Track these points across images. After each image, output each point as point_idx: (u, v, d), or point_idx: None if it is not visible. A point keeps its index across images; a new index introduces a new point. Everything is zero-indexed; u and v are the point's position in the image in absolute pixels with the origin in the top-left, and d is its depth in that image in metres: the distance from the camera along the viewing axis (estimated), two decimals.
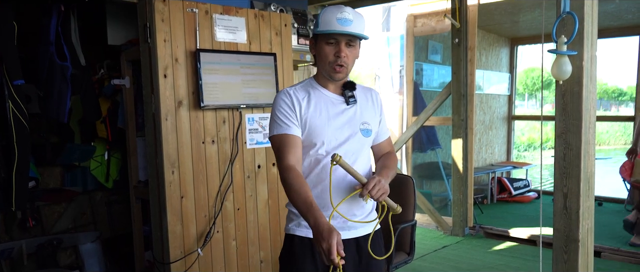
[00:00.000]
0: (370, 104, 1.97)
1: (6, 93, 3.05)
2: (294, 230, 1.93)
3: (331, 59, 1.83)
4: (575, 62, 2.43)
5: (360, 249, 1.93)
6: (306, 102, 1.88)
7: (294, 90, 1.92)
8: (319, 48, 1.86)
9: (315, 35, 1.88)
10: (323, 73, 1.90)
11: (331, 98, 1.91)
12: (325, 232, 1.59)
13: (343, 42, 1.82)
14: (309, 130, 1.86)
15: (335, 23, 1.79)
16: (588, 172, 2.51)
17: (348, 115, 1.90)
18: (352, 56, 1.86)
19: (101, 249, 4.28)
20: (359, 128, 1.89)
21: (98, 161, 4.25)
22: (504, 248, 5.02)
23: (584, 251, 2.55)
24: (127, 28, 3.69)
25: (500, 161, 8.03)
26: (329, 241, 1.57)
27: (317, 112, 1.87)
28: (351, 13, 1.81)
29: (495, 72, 7.69)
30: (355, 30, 1.80)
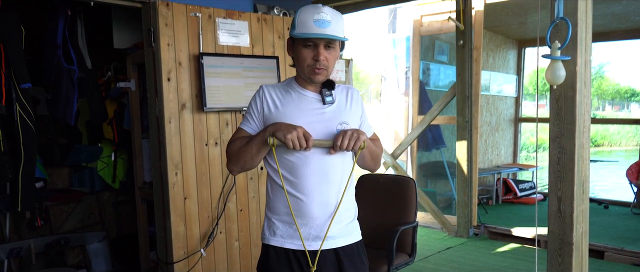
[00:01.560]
0: (349, 103, 1.86)
1: (14, 96, 3.12)
2: (269, 240, 1.84)
3: (310, 62, 1.74)
4: (569, 67, 2.45)
5: (340, 260, 1.83)
6: (280, 102, 1.81)
7: (272, 88, 1.86)
8: (297, 51, 1.77)
9: (292, 37, 1.78)
10: (302, 76, 1.81)
11: (309, 97, 1.82)
12: (286, 124, 1.66)
13: (322, 44, 1.73)
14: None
15: (312, 25, 1.70)
16: (582, 176, 2.53)
17: (323, 114, 1.80)
18: (332, 58, 1.77)
19: (108, 248, 4.35)
20: (336, 128, 1.78)
21: (105, 161, 4.32)
22: (507, 250, 5.02)
23: (578, 254, 2.56)
24: (132, 32, 3.75)
25: (507, 162, 8.02)
26: (296, 128, 1.63)
27: (288, 110, 1.79)
28: (329, 13, 1.72)
29: (502, 74, 7.68)
30: (334, 33, 1.71)
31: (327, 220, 1.78)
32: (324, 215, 1.78)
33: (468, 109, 5.39)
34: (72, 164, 4.31)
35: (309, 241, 1.78)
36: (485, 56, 7.08)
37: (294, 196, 1.77)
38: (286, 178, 1.77)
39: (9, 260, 3.82)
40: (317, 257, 1.78)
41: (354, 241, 1.88)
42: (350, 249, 1.85)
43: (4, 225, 3.87)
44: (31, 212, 3.97)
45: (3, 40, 2.99)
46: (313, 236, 1.78)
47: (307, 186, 1.76)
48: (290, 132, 1.63)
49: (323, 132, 1.77)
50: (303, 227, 1.77)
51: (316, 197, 1.76)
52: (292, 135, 1.63)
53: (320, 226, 1.77)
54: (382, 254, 3.20)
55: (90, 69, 3.78)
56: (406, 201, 3.40)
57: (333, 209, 1.78)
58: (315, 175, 1.76)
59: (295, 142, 1.63)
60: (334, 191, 1.79)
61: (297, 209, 1.77)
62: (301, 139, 1.64)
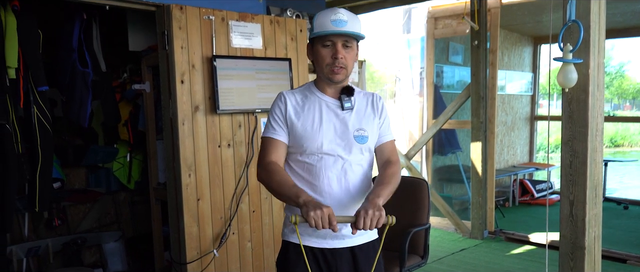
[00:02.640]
0: (369, 109, 1.91)
1: (31, 99, 3.18)
2: (288, 236, 1.93)
3: (328, 61, 1.80)
4: (582, 70, 2.42)
5: (355, 259, 1.90)
6: (300, 107, 1.87)
7: (292, 94, 1.92)
8: (316, 52, 1.83)
9: (311, 39, 1.85)
10: (322, 77, 1.87)
11: (328, 102, 1.88)
12: (316, 203, 1.63)
13: (339, 43, 1.78)
14: (299, 134, 1.85)
15: (329, 25, 1.76)
16: (595, 180, 2.50)
17: (342, 120, 1.86)
18: (350, 57, 1.82)
19: (124, 248, 4.41)
20: (353, 134, 1.84)
21: (120, 162, 4.38)
22: (522, 252, 4.97)
23: (591, 259, 2.53)
24: (147, 34, 3.79)
25: (523, 162, 7.93)
26: (322, 209, 1.60)
27: (310, 116, 1.85)
28: (346, 14, 1.78)
29: (517, 72, 7.60)
30: (351, 30, 1.77)
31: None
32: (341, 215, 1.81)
33: (483, 109, 5.35)
34: (88, 164, 4.38)
35: (326, 239, 1.86)
36: (500, 55, 7.00)
37: (315, 192, 1.82)
38: (306, 180, 1.84)
39: (27, 259, 3.90)
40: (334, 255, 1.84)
41: (371, 239, 1.94)
42: (366, 247, 1.91)
43: (23, 224, 3.95)
44: (49, 212, 4.04)
45: (21, 44, 3.06)
46: (331, 235, 1.85)
47: (326, 189, 1.82)
48: (314, 211, 1.61)
49: (342, 138, 1.83)
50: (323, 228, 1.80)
51: (334, 200, 1.82)
52: (316, 214, 1.60)
53: (338, 227, 1.79)
54: (394, 256, 3.20)
55: (105, 72, 3.84)
56: (419, 203, 3.39)
57: (350, 211, 1.80)
58: (334, 179, 1.83)
59: (318, 223, 1.61)
60: (352, 194, 1.85)
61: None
62: (325, 220, 1.61)
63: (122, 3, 3.11)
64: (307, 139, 1.83)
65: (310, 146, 1.83)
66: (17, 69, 3.05)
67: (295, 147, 1.87)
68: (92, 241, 4.27)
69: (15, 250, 3.74)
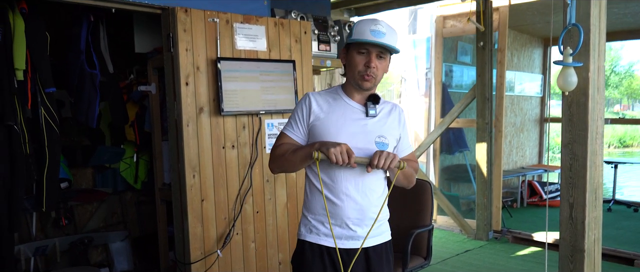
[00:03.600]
0: (391, 119, 1.97)
1: (39, 100, 3.23)
2: (305, 236, 1.99)
3: (361, 69, 1.86)
4: (582, 73, 2.43)
5: (369, 260, 1.96)
6: (325, 109, 1.93)
7: (318, 95, 1.98)
8: (350, 57, 1.90)
9: (348, 44, 1.91)
10: (351, 82, 1.93)
11: (353, 107, 1.94)
12: (333, 142, 1.77)
13: (374, 53, 1.85)
14: (321, 136, 1.90)
15: (368, 34, 1.82)
16: (595, 183, 2.51)
17: (365, 126, 1.91)
18: (381, 68, 1.89)
19: (130, 247, 4.46)
20: (374, 140, 1.88)
21: (127, 162, 4.43)
22: (527, 253, 4.97)
23: (590, 261, 2.54)
24: (153, 36, 3.84)
25: (532, 164, 7.90)
26: (340, 144, 1.73)
27: (333, 119, 1.90)
28: (385, 27, 1.84)
29: (527, 73, 7.56)
30: (388, 43, 1.83)
31: (360, 223, 1.91)
32: (358, 219, 1.91)
33: (488, 110, 5.35)
34: (95, 164, 4.43)
35: (341, 240, 1.92)
36: (509, 56, 6.99)
37: (330, 199, 1.90)
38: (325, 182, 1.91)
39: (35, 258, 3.96)
40: (355, 257, 1.91)
41: (384, 241, 2.01)
42: (380, 248, 1.99)
43: (31, 224, 4.01)
44: (56, 211, 4.10)
45: (29, 46, 3.10)
46: (346, 236, 1.92)
47: (343, 190, 1.89)
48: (335, 147, 1.73)
49: (362, 143, 1.87)
50: (336, 227, 1.91)
51: (351, 202, 1.89)
52: (336, 150, 1.73)
53: (354, 228, 1.91)
54: (398, 257, 3.21)
55: (112, 73, 3.89)
56: (422, 204, 3.40)
57: (367, 213, 1.90)
58: (351, 181, 1.89)
59: (338, 157, 1.73)
60: (368, 197, 1.91)
61: (333, 211, 1.90)
62: (344, 154, 1.73)
63: (128, 6, 3.15)
64: (328, 139, 1.87)
65: None
66: (25, 70, 3.10)
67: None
68: (99, 240, 4.32)
69: (23, 249, 3.80)
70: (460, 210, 6.13)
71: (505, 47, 5.62)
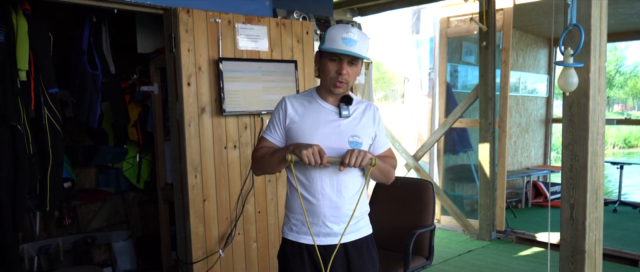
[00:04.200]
0: (365, 119, 2.02)
1: (42, 100, 3.25)
2: (287, 234, 2.07)
3: (333, 75, 1.92)
4: (582, 74, 2.43)
5: (348, 255, 2.01)
6: (300, 111, 2.00)
7: (294, 98, 2.06)
8: (323, 63, 1.95)
9: (320, 50, 1.97)
10: (324, 86, 2.00)
11: (327, 109, 2.00)
12: (305, 144, 1.85)
13: (345, 60, 1.90)
14: (296, 138, 1.97)
15: (340, 42, 1.87)
16: (596, 184, 2.50)
17: (338, 127, 1.97)
18: (353, 73, 1.95)
19: (133, 247, 4.48)
20: (348, 140, 1.95)
21: (130, 162, 4.45)
22: (530, 254, 4.96)
23: (591, 262, 2.53)
24: (155, 37, 3.85)
25: (537, 164, 7.87)
26: (312, 146, 1.80)
27: (308, 121, 1.98)
28: (356, 34, 1.89)
29: (532, 74, 7.54)
30: (358, 52, 1.88)
31: (337, 221, 1.97)
32: (333, 215, 1.97)
33: (491, 110, 5.34)
34: (98, 164, 4.45)
35: (319, 237, 1.98)
36: (514, 56, 6.97)
37: (307, 199, 1.97)
38: (301, 182, 1.98)
39: (38, 257, 3.98)
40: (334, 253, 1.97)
41: (362, 236, 2.06)
42: (359, 244, 2.04)
43: (34, 223, 4.03)
44: (59, 211, 4.12)
45: (32, 47, 3.12)
46: (323, 233, 1.98)
47: (319, 189, 1.95)
48: (306, 149, 1.81)
49: (336, 143, 1.94)
50: (314, 226, 1.98)
51: (326, 200, 1.96)
52: (308, 151, 1.80)
53: (330, 226, 1.98)
54: (399, 257, 3.22)
55: (114, 74, 3.90)
56: (424, 204, 3.40)
57: (342, 210, 1.97)
58: (326, 180, 1.95)
59: (310, 158, 1.80)
60: (344, 196, 1.97)
61: (310, 209, 1.97)
62: (316, 155, 1.81)
63: (130, 7, 3.16)
64: (303, 141, 1.93)
65: None
66: (28, 71, 3.12)
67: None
68: (102, 239, 4.34)
69: (27, 248, 3.82)
70: (464, 210, 6.12)
71: (509, 47, 5.60)
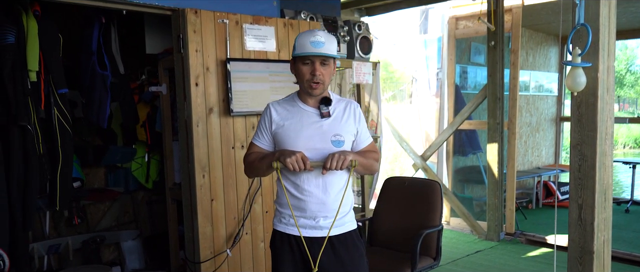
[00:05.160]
0: (346, 116, 2.14)
1: (52, 101, 3.28)
2: (277, 225, 2.21)
3: (308, 78, 2.06)
4: (591, 73, 2.41)
5: (334, 248, 2.13)
6: (284, 116, 2.14)
7: (278, 104, 2.20)
8: (297, 68, 2.10)
9: (294, 57, 2.11)
10: (303, 89, 2.13)
11: (308, 112, 2.13)
12: (289, 151, 1.99)
13: (317, 62, 2.04)
14: (282, 141, 2.11)
15: (309, 46, 2.02)
16: (604, 184, 2.48)
17: (320, 127, 2.09)
18: (327, 73, 2.08)
19: (141, 246, 4.51)
20: (330, 140, 2.07)
21: (139, 162, 4.48)
22: (539, 254, 4.94)
23: (600, 263, 2.52)
24: (163, 38, 3.87)
25: (548, 164, 7.82)
26: (295, 153, 1.95)
27: (291, 124, 2.11)
28: (323, 36, 2.03)
29: (543, 73, 7.49)
30: (327, 51, 2.03)
31: (323, 216, 2.11)
32: (320, 211, 2.10)
33: (499, 111, 5.32)
34: (107, 164, 4.48)
35: (306, 229, 2.12)
36: (524, 55, 6.93)
37: (295, 196, 2.11)
38: (290, 181, 2.12)
39: (48, 256, 4.02)
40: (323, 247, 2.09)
41: (348, 230, 2.18)
42: (344, 237, 2.16)
43: (44, 222, 4.07)
44: (69, 210, 4.15)
45: (42, 47, 3.15)
46: (310, 226, 2.12)
47: (306, 188, 2.09)
48: (290, 157, 1.95)
49: (320, 144, 2.08)
50: (302, 219, 2.12)
51: (313, 197, 2.10)
52: (291, 159, 1.95)
53: (317, 220, 2.11)
54: (406, 257, 3.22)
55: (123, 74, 3.93)
56: (431, 205, 3.40)
57: (329, 206, 2.10)
58: (312, 180, 2.09)
59: (294, 165, 1.96)
60: (329, 193, 2.11)
61: (298, 204, 2.11)
62: (299, 162, 1.96)
63: (138, 7, 3.18)
64: (289, 145, 2.09)
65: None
66: (38, 72, 3.14)
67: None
68: (111, 239, 4.37)
69: (37, 247, 3.86)
70: (474, 211, 6.10)
71: (518, 48, 5.58)
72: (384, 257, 3.30)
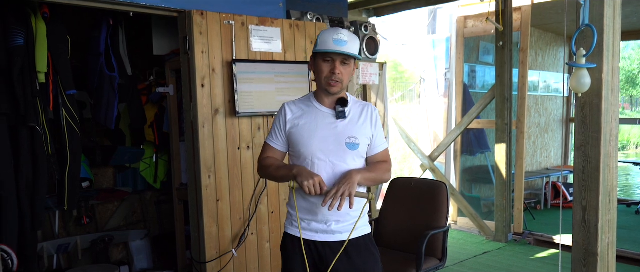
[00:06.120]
0: (363, 119, 2.10)
1: (60, 102, 3.32)
2: (287, 228, 2.19)
3: (327, 75, 2.02)
4: (595, 74, 2.40)
5: (348, 253, 2.08)
6: (298, 116, 2.10)
7: (293, 104, 2.16)
8: (317, 65, 2.05)
9: (314, 53, 2.07)
10: (320, 87, 2.09)
11: (323, 112, 2.09)
12: (308, 173, 1.94)
13: (338, 60, 2.00)
14: (296, 141, 2.07)
15: (331, 43, 1.97)
16: (609, 186, 2.46)
17: (335, 129, 2.05)
18: (346, 73, 2.03)
19: (149, 245, 4.54)
20: (345, 142, 2.03)
21: (147, 162, 4.52)
22: (547, 256, 4.90)
23: (604, 265, 2.50)
24: (171, 39, 3.90)
25: (557, 164, 7.77)
26: (314, 177, 1.91)
27: (306, 125, 2.07)
28: (346, 35, 1.99)
29: (552, 73, 7.44)
30: (349, 51, 1.98)
31: (335, 219, 2.06)
32: (331, 215, 2.05)
33: (508, 111, 5.29)
34: (116, 164, 4.52)
35: (318, 233, 2.09)
36: (533, 55, 6.89)
37: (309, 200, 2.06)
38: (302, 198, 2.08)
39: (57, 255, 4.07)
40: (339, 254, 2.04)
41: (360, 235, 2.12)
42: (358, 242, 2.10)
43: (54, 222, 4.12)
44: (78, 210, 4.20)
45: (51, 49, 3.19)
46: (322, 230, 2.08)
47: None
48: (308, 180, 1.92)
49: (334, 145, 2.03)
50: (314, 223, 2.08)
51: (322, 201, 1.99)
52: (309, 183, 1.92)
53: (328, 224, 2.07)
54: (412, 258, 3.22)
55: (131, 76, 3.96)
56: (437, 205, 3.39)
57: (341, 210, 1.98)
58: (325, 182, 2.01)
59: (311, 190, 1.92)
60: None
61: (309, 208, 2.07)
62: (317, 187, 1.92)
63: (145, 10, 3.20)
64: (302, 146, 2.06)
65: (305, 151, 2.06)
66: (47, 73, 3.19)
67: (293, 152, 2.12)
68: (119, 238, 4.41)
69: (47, 246, 3.91)
70: (482, 212, 6.07)
71: (527, 47, 5.54)
72: (389, 257, 3.30)
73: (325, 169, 2.02)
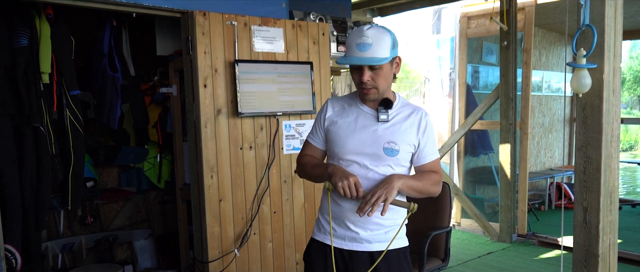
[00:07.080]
0: (407, 124, 1.92)
1: (64, 102, 3.34)
2: (315, 234, 2.08)
3: (357, 83, 1.88)
4: (596, 75, 2.38)
5: (376, 266, 1.92)
6: (339, 113, 1.99)
7: (336, 101, 2.05)
8: (351, 71, 1.91)
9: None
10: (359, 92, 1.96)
11: (365, 112, 1.95)
12: (343, 173, 1.81)
13: (365, 67, 1.82)
14: (332, 140, 1.96)
15: (354, 49, 1.80)
16: (610, 187, 2.45)
17: (375, 131, 1.90)
18: (378, 76, 1.84)
19: (154, 245, 4.57)
20: (383, 146, 1.87)
21: (151, 162, 4.54)
22: (551, 256, 4.89)
23: (605, 267, 2.49)
24: (174, 39, 3.91)
25: (561, 165, 7.74)
26: (349, 178, 1.77)
27: (345, 125, 1.94)
28: (371, 36, 1.78)
29: (555, 73, 7.41)
30: (373, 55, 1.78)
31: (362, 226, 1.92)
32: (359, 221, 1.91)
33: (512, 111, 5.28)
34: (120, 164, 4.55)
35: (345, 241, 1.96)
36: (537, 55, 6.86)
37: (336, 201, 1.94)
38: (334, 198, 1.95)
39: (62, 254, 4.09)
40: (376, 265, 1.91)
41: (394, 247, 1.95)
42: (390, 255, 1.93)
43: (58, 222, 4.15)
44: (82, 209, 4.22)
45: (54, 50, 3.21)
46: (349, 238, 1.95)
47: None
48: (342, 181, 1.78)
49: (371, 149, 1.89)
50: (341, 228, 1.95)
51: (353, 204, 1.89)
52: (344, 184, 1.78)
53: (355, 230, 1.93)
54: (414, 259, 3.20)
55: (134, 76, 3.98)
56: (440, 206, 3.38)
57: (370, 217, 1.86)
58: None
59: (346, 192, 1.78)
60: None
61: (339, 212, 1.94)
62: (352, 188, 1.78)
63: (148, 10, 3.22)
64: (337, 145, 1.94)
65: (339, 151, 1.94)
66: (51, 74, 3.21)
67: (328, 151, 2.03)
68: (124, 238, 4.44)
69: (51, 246, 3.93)
70: (485, 213, 6.06)
71: (531, 48, 5.53)
72: None
73: (359, 173, 1.87)
